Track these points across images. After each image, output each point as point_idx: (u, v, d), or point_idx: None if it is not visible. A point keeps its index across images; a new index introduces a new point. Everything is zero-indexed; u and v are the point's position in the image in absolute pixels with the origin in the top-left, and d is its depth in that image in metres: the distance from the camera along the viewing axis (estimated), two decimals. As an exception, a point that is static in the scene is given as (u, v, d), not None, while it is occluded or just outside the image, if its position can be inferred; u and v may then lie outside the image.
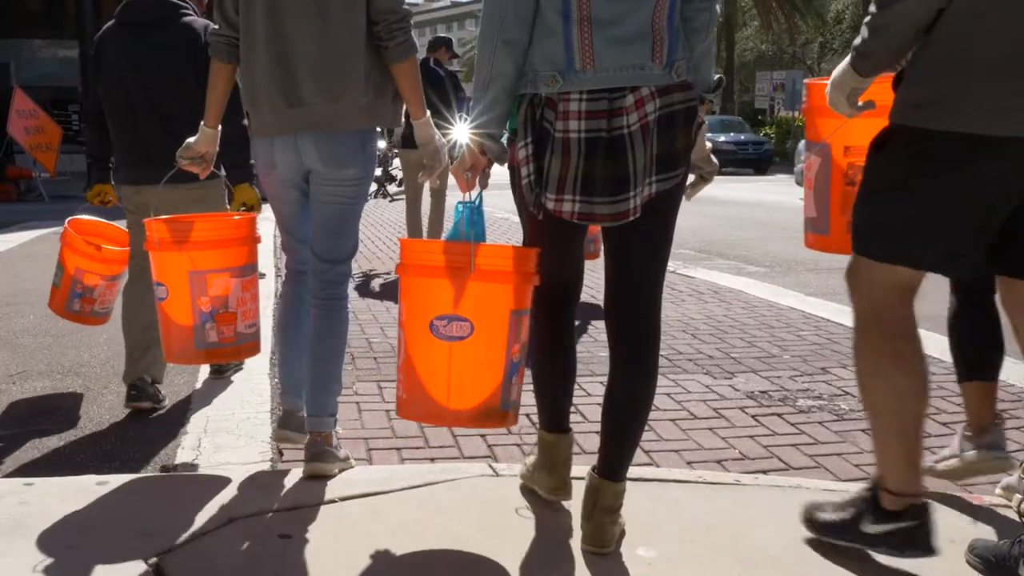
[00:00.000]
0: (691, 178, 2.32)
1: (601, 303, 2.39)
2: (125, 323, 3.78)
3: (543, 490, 2.61)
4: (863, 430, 3.48)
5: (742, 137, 26.75)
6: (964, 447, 2.65)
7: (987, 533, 2.46)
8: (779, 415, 3.69)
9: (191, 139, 2.82)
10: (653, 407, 2.30)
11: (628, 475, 2.39)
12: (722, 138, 24.96)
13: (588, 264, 2.72)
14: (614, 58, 2.02)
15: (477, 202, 2.21)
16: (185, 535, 2.37)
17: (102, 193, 3.83)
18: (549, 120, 2.08)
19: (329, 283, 2.77)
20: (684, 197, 2.24)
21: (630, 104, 2.04)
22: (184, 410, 3.72)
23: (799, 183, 6.95)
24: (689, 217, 12.36)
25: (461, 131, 2.21)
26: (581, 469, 2.95)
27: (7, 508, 2.52)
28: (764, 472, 3.07)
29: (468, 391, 2.20)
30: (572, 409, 3.66)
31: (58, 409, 3.76)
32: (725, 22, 37.80)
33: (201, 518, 2.47)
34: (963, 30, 1.91)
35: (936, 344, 4.73)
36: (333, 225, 2.73)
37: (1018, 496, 2.57)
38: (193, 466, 3.09)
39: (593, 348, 4.71)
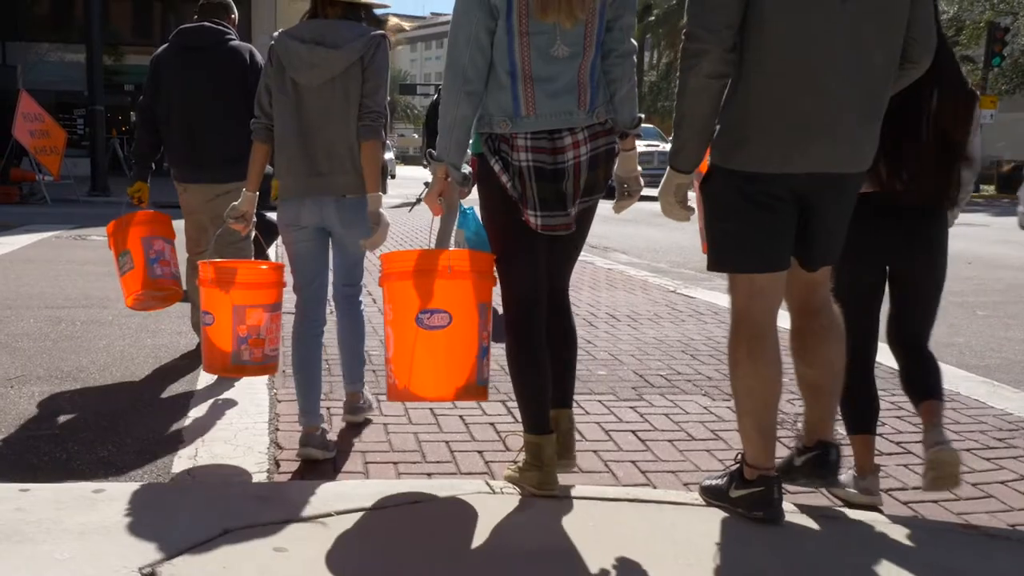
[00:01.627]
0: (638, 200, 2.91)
1: (591, 321, 2.65)
2: (191, 289, 4.52)
3: (531, 486, 2.79)
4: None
5: None
6: (850, 483, 3.06)
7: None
8: (777, 438, 3.68)
9: (235, 203, 3.43)
10: (650, 427, 2.38)
11: (624, 496, 2.65)
12: None
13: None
14: (550, 107, 2.59)
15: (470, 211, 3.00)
16: (180, 545, 2.36)
17: (141, 190, 4.49)
18: (505, 151, 2.63)
19: (348, 296, 3.54)
20: (613, 211, 2.88)
21: (568, 144, 2.61)
22: (182, 419, 3.72)
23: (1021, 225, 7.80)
24: (692, 237, 12.38)
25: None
26: (579, 489, 2.95)
27: (3, 514, 2.51)
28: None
29: (452, 370, 2.70)
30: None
31: (56, 414, 3.76)
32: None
33: (196, 528, 2.47)
34: (748, 96, 2.47)
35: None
36: (349, 263, 3.47)
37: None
38: (190, 475, 3.09)
39: (592, 366, 4.72)
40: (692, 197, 2.81)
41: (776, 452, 2.76)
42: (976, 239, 13.05)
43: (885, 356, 2.97)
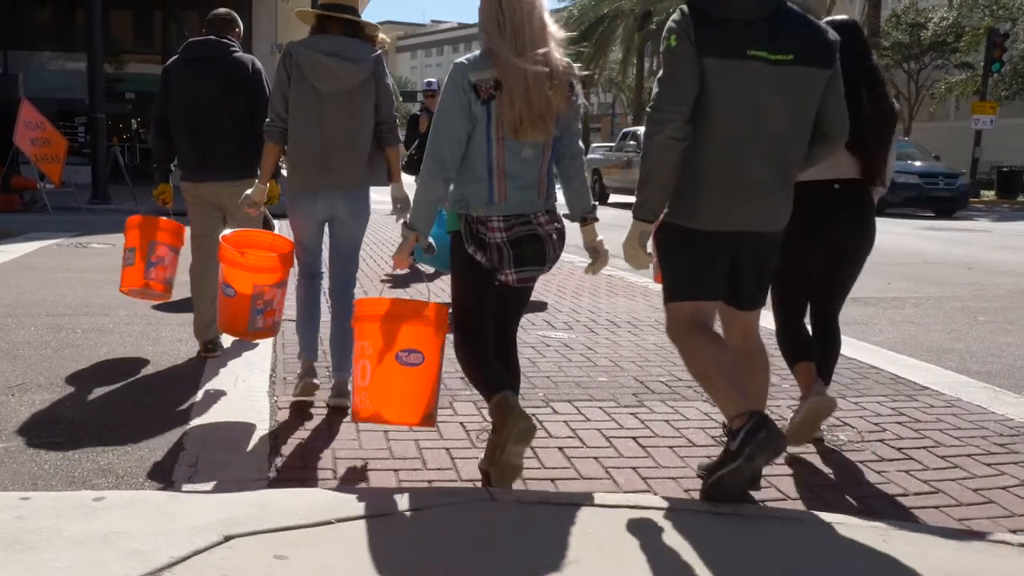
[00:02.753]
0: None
1: (592, 328, 2.62)
2: (196, 296, 4.92)
3: (512, 437, 2.97)
4: (862, 462, 3.49)
5: (924, 167, 19.39)
6: (801, 407, 3.51)
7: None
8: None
9: (249, 191, 4.07)
10: (651, 434, 2.51)
11: (625, 502, 2.68)
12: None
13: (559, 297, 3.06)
14: (517, 197, 3.07)
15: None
16: (180, 553, 2.36)
17: (165, 192, 4.93)
18: (481, 232, 3.06)
19: (346, 286, 4.12)
20: (591, 273, 3.27)
21: (530, 218, 3.09)
22: (183, 426, 3.72)
23: None
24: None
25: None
26: (580, 496, 2.95)
27: (3, 523, 2.51)
28: (763, 502, 3.06)
29: (420, 400, 3.14)
30: (570, 434, 3.69)
31: (57, 422, 3.76)
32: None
33: (196, 536, 2.47)
34: (698, 164, 2.91)
35: (938, 376, 4.74)
36: (349, 251, 4.11)
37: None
38: (190, 483, 3.09)
39: (593, 372, 4.72)
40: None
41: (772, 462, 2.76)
42: (977, 244, 13.06)
43: (885, 359, 2.98)
